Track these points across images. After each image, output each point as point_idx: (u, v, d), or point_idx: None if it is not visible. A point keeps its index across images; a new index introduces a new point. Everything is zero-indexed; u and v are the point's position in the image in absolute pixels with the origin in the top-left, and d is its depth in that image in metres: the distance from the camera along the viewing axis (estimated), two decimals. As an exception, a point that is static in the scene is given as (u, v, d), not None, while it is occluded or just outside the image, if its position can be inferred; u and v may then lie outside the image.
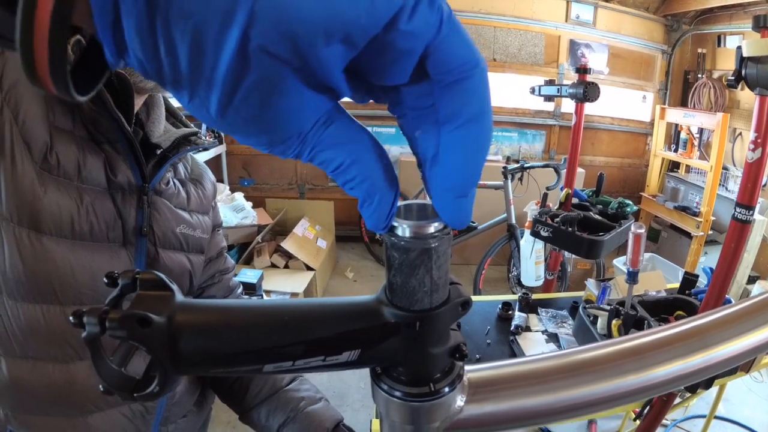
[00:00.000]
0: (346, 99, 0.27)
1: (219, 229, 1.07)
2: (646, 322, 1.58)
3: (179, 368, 0.28)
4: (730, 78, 1.35)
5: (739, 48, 1.33)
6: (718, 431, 2.76)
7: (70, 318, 0.26)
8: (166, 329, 0.27)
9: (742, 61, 1.32)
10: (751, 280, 3.84)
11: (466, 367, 0.32)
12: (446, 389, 0.30)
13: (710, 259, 4.01)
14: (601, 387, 0.32)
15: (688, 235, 4.25)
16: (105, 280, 0.29)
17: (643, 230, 1.43)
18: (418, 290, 0.27)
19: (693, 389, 1.56)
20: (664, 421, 2.72)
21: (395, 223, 0.27)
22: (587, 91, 2.29)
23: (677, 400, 1.74)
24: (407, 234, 0.26)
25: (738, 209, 1.37)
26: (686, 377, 0.36)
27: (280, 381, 1.01)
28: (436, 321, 0.28)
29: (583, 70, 2.39)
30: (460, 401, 0.32)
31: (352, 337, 0.29)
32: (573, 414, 0.33)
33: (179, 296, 0.29)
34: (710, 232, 4.03)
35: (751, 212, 1.36)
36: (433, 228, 0.27)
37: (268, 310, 0.30)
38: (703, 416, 2.44)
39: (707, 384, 1.58)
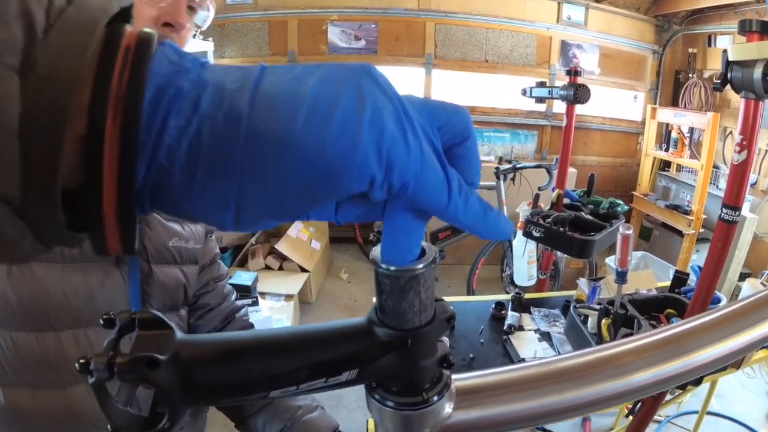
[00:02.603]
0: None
1: (211, 235, 1.05)
2: (636, 320, 1.61)
3: (189, 403, 0.29)
4: (716, 81, 1.37)
5: (725, 52, 1.35)
6: (712, 427, 2.79)
7: (76, 366, 0.27)
8: (173, 367, 0.28)
9: (728, 65, 1.34)
10: (744, 276, 3.89)
11: (454, 376, 0.34)
12: (435, 398, 0.32)
13: (702, 256, 4.04)
14: (580, 393, 0.34)
15: (679, 233, 4.28)
16: (101, 321, 0.30)
17: (630, 231, 1.45)
18: (408, 311, 0.29)
19: (682, 386, 1.58)
20: (657, 417, 2.75)
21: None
22: (578, 93, 2.32)
23: (668, 396, 1.77)
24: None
25: (725, 210, 1.40)
26: (663, 382, 0.38)
27: None
28: (426, 337, 0.31)
29: (574, 72, 2.42)
30: (448, 408, 0.34)
31: (350, 359, 0.31)
32: (555, 419, 0.35)
33: (179, 333, 0.30)
34: (701, 230, 4.07)
35: (737, 213, 1.38)
36: (421, 263, 0.29)
37: (269, 339, 0.31)
38: (697, 412, 2.47)
39: (697, 381, 1.61)
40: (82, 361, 0.27)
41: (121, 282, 0.78)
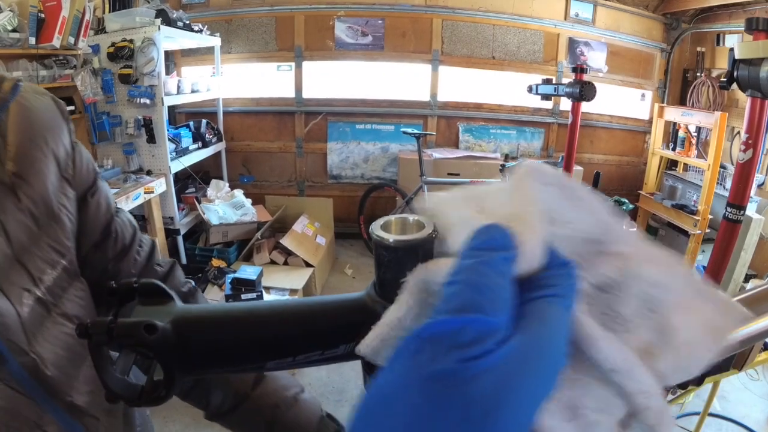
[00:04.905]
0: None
1: (91, 192, 0.70)
2: (639, 319, 1.60)
3: (187, 370, 0.30)
4: (722, 80, 1.37)
5: (731, 50, 1.34)
6: (714, 429, 2.78)
7: (75, 330, 0.27)
8: (172, 334, 0.29)
9: (734, 63, 1.34)
10: (749, 278, 3.86)
11: None
12: None
13: (708, 257, 4.01)
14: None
15: (685, 233, 4.26)
16: (108, 292, 0.31)
17: (635, 229, 1.45)
18: None
19: (684, 386, 1.58)
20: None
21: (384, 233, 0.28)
22: (583, 91, 2.31)
23: (670, 396, 1.76)
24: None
25: (729, 209, 1.39)
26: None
27: (246, 385, 0.77)
28: None
29: (580, 70, 2.41)
30: None
31: (346, 332, 0.31)
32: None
33: (179, 302, 0.31)
34: (707, 231, 4.04)
35: (741, 212, 1.38)
36: (419, 234, 0.28)
37: (267, 309, 0.32)
38: (699, 413, 2.46)
39: (698, 381, 1.60)
40: (80, 324, 0.27)
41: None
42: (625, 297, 0.27)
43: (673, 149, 4.70)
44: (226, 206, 4.14)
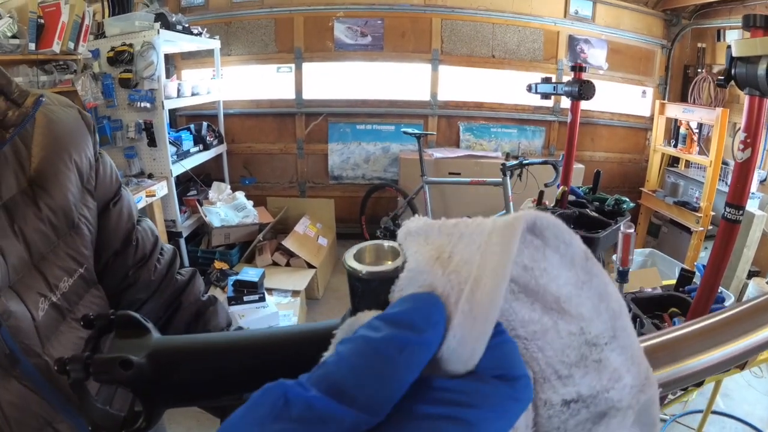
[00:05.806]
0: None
1: (114, 202, 0.73)
2: (638, 319, 1.60)
3: (165, 403, 0.30)
4: (719, 78, 1.36)
5: (728, 48, 1.34)
6: (718, 427, 2.77)
7: (53, 366, 0.28)
8: (148, 368, 0.29)
9: (731, 61, 1.33)
10: (752, 275, 3.84)
11: None
12: None
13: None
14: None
15: (688, 230, 4.24)
16: (81, 322, 0.31)
17: (632, 230, 1.45)
18: None
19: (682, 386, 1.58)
20: (663, 416, 2.73)
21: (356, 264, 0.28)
22: (582, 89, 2.30)
23: (671, 396, 1.76)
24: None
25: (728, 209, 1.39)
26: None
27: None
28: None
29: (578, 68, 2.40)
30: None
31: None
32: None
33: (156, 333, 0.31)
34: (710, 227, 4.02)
35: (740, 212, 1.37)
36: (392, 264, 0.28)
37: (244, 340, 0.31)
38: (702, 411, 2.45)
39: (697, 382, 1.60)
40: (58, 360, 0.28)
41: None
42: (581, 413, 0.24)
43: (675, 146, 4.68)
44: (227, 208, 4.15)
